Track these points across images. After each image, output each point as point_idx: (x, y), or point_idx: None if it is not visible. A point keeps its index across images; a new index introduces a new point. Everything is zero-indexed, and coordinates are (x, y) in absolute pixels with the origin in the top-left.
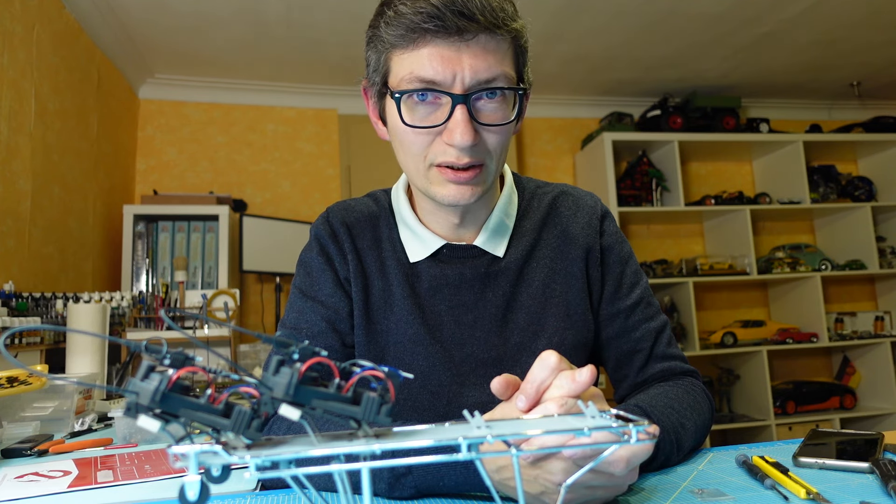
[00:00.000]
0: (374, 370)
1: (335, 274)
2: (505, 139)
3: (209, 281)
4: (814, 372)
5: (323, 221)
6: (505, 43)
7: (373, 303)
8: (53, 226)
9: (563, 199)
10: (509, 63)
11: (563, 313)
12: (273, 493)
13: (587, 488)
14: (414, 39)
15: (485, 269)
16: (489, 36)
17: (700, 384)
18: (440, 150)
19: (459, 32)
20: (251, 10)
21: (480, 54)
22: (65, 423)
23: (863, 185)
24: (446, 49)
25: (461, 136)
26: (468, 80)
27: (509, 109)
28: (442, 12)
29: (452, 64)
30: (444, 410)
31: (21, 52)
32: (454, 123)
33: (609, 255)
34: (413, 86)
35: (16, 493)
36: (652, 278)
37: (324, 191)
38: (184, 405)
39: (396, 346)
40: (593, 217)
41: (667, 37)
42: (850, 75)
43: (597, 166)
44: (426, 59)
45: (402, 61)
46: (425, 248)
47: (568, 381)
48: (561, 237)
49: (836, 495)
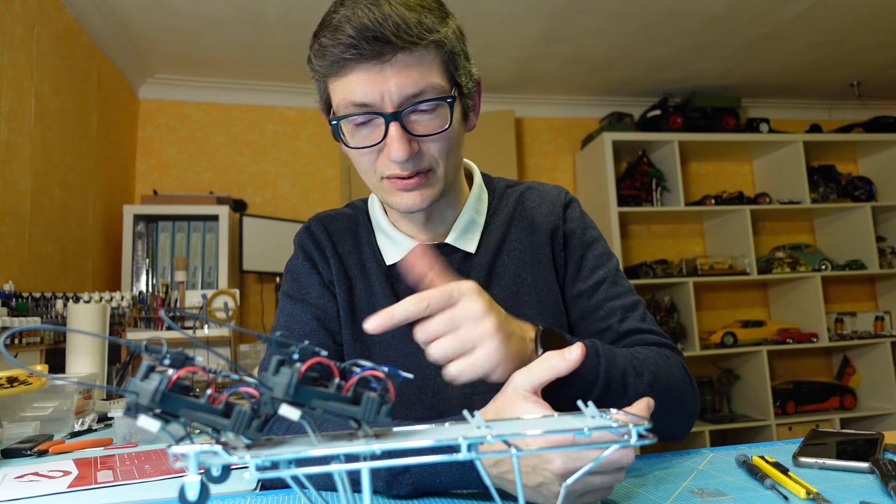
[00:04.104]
0: (374, 370)
1: (321, 277)
2: (447, 145)
3: (209, 281)
4: (814, 372)
5: (305, 231)
6: (428, 55)
7: (357, 304)
8: (53, 226)
9: (530, 193)
10: (436, 73)
11: (535, 301)
12: (273, 493)
13: (586, 475)
14: (340, 68)
15: (457, 266)
16: (407, 54)
17: (678, 359)
18: (385, 164)
19: (378, 56)
20: (251, 11)
21: (403, 71)
22: (65, 423)
23: (863, 185)
24: (370, 72)
25: (396, 151)
26: (396, 98)
27: (445, 117)
28: (357, 41)
29: (378, 85)
30: (430, 402)
31: (21, 52)
32: (390, 140)
33: (571, 238)
34: (348, 110)
35: (16, 493)
36: (652, 278)
37: (324, 191)
38: (184, 405)
39: (381, 344)
40: (557, 205)
41: (667, 37)
42: (850, 75)
43: (597, 166)
44: (354, 85)
45: (335, 89)
46: (399, 250)
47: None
48: (528, 228)
49: (836, 495)
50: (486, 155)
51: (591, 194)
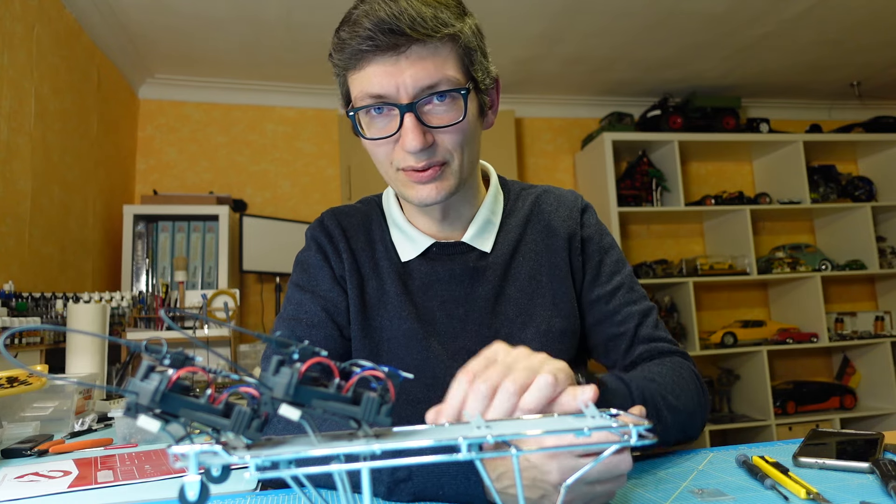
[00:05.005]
0: (374, 370)
1: (332, 271)
2: (462, 137)
3: (209, 281)
4: (814, 372)
5: (318, 224)
6: (444, 48)
7: (368, 301)
8: (53, 226)
9: (546, 196)
10: (452, 66)
11: (549, 302)
12: (273, 493)
13: (587, 485)
14: (358, 61)
15: (473, 265)
16: (422, 45)
17: (689, 365)
18: (400, 156)
19: (394, 48)
20: (251, 11)
21: (419, 63)
22: (65, 424)
23: (863, 185)
24: (386, 64)
25: (411, 141)
26: (411, 89)
27: (459, 109)
28: (374, 33)
29: (394, 76)
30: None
31: (21, 52)
32: (404, 131)
33: (589, 244)
34: (365, 102)
35: (16, 494)
36: (652, 278)
37: (324, 191)
38: (184, 405)
39: (391, 341)
40: (574, 210)
41: (667, 37)
42: (850, 75)
43: (597, 166)
44: (371, 77)
45: (354, 82)
46: (415, 247)
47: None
48: (545, 231)
49: (836, 495)
50: (487, 155)
51: (591, 194)
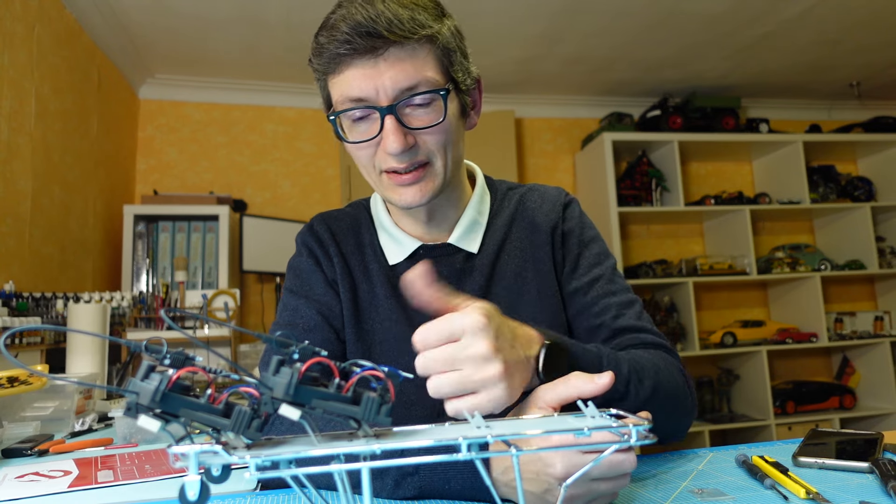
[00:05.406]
0: (374, 370)
1: (324, 275)
2: (444, 138)
3: (209, 281)
4: (813, 372)
5: (308, 229)
6: (421, 50)
7: (360, 304)
8: (53, 226)
9: (531, 194)
10: (431, 67)
11: (535, 299)
12: (273, 493)
13: (590, 482)
14: (337, 65)
15: (460, 266)
16: (400, 48)
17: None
18: (382, 158)
19: (372, 51)
20: (251, 12)
21: (397, 65)
22: (65, 423)
23: (862, 185)
24: (365, 67)
25: (392, 143)
26: (390, 91)
27: (439, 110)
28: (351, 37)
29: (373, 79)
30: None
31: (21, 52)
32: (385, 133)
33: (569, 237)
34: (345, 106)
35: (16, 493)
36: (652, 278)
37: (324, 191)
38: (184, 405)
39: (383, 344)
40: (557, 204)
41: (667, 37)
42: (850, 75)
43: (597, 166)
44: (350, 80)
45: (334, 86)
46: (402, 250)
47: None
48: (529, 228)
49: (835, 495)
50: (486, 155)
51: (591, 194)
